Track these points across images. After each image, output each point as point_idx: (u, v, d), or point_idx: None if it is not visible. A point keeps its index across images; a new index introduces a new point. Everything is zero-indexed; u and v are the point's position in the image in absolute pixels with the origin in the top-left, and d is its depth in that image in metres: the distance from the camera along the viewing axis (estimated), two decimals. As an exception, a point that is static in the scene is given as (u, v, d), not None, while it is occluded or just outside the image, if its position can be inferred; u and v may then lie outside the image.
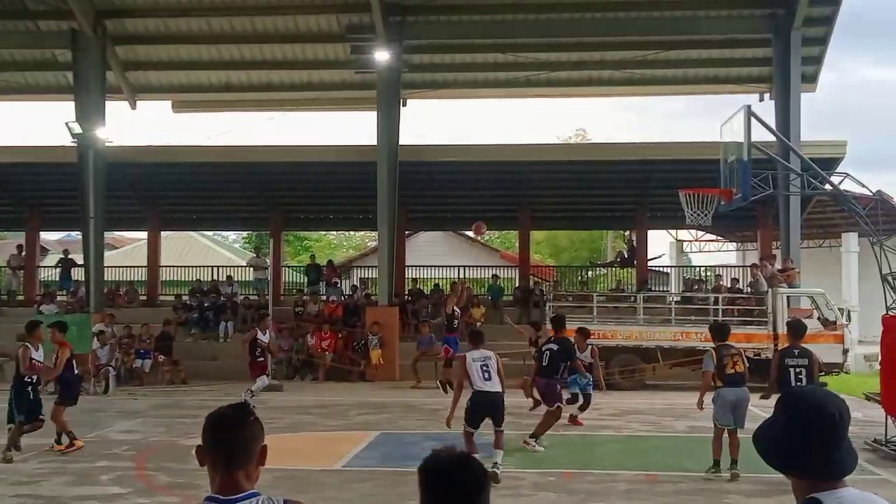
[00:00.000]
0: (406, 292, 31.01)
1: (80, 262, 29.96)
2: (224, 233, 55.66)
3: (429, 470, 3.04)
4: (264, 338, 19.77)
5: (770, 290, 24.77)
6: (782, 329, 23.71)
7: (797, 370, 11.76)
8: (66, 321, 16.34)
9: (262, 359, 19.66)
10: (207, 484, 10.97)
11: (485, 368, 12.04)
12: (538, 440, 14.24)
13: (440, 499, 3.00)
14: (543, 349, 14.56)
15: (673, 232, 41.00)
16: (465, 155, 29.92)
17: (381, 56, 26.21)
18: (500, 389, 12.12)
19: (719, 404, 12.13)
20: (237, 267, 36.42)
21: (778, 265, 26.36)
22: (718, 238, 41.65)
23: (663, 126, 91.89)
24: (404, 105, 29.31)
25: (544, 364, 14.27)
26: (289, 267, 38.57)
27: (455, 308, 20.30)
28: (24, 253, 33.61)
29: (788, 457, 2.72)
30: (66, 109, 28.50)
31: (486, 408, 11.99)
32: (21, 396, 13.61)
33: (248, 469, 3.17)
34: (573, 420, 16.90)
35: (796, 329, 12.50)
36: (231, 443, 3.16)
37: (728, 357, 12.34)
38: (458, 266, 34.68)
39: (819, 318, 23.77)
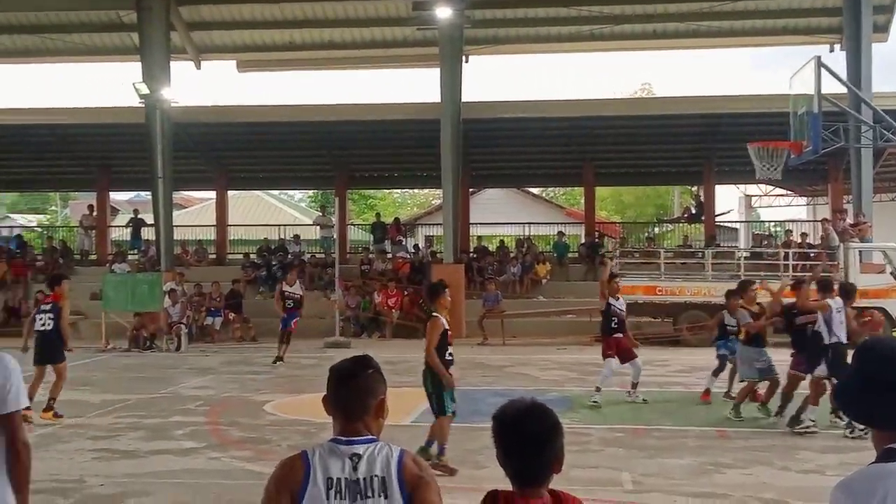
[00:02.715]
0: (471, 250, 31.06)
1: (150, 221, 30.45)
2: (290, 192, 56.02)
3: (501, 419, 3.16)
4: (618, 304, 15.05)
5: (841, 244, 24.37)
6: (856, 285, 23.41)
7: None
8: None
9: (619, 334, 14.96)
10: (279, 439, 11.17)
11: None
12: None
13: (511, 446, 3.10)
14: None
15: (741, 186, 40.41)
16: (529, 111, 29.72)
17: (443, 12, 26.00)
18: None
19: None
20: (304, 226, 36.74)
21: (850, 219, 25.90)
22: (788, 192, 40.93)
23: (731, 78, 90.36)
24: (466, 61, 29.17)
25: None
26: (354, 225, 38.76)
27: None
28: (95, 213, 34.25)
29: (863, 408, 2.71)
30: (132, 70, 28.89)
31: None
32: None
33: (366, 420, 3.28)
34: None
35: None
36: (348, 395, 3.28)
37: None
38: (523, 223, 34.56)
39: (892, 273, 23.34)
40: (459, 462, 9.95)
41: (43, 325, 13.56)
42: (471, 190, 34.24)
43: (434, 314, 10.31)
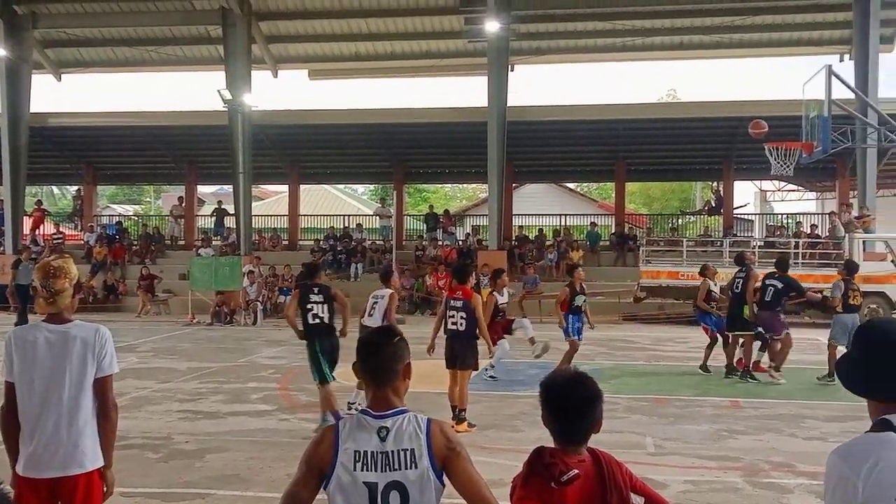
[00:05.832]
0: (513, 238, 30.97)
1: (232, 211, 30.74)
2: (353, 186, 56.22)
3: (548, 386, 3.21)
4: (502, 298, 14.12)
5: (847, 235, 23.97)
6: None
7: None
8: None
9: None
10: (341, 403, 11.17)
11: (373, 305, 11.80)
12: (779, 371, 13.83)
13: (558, 410, 3.16)
14: (766, 284, 14.00)
15: (757, 182, 39.87)
16: (567, 114, 29.54)
17: (492, 26, 25.86)
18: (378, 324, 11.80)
19: (839, 327, 13.36)
20: (365, 216, 36.86)
21: (854, 213, 25.47)
22: (800, 188, 40.31)
23: (749, 85, 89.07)
24: (512, 70, 28.99)
25: (767, 299, 13.85)
26: (410, 216, 38.79)
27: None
28: (184, 204, 34.67)
29: (860, 381, 2.64)
30: (217, 78, 29.08)
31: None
32: None
33: (395, 385, 3.20)
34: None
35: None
36: (376, 363, 3.20)
37: (852, 290, 13.55)
38: (560, 214, 34.39)
39: (892, 261, 22.91)
40: (499, 426, 9.93)
41: (454, 323, 10.58)
42: (513, 185, 34.11)
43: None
